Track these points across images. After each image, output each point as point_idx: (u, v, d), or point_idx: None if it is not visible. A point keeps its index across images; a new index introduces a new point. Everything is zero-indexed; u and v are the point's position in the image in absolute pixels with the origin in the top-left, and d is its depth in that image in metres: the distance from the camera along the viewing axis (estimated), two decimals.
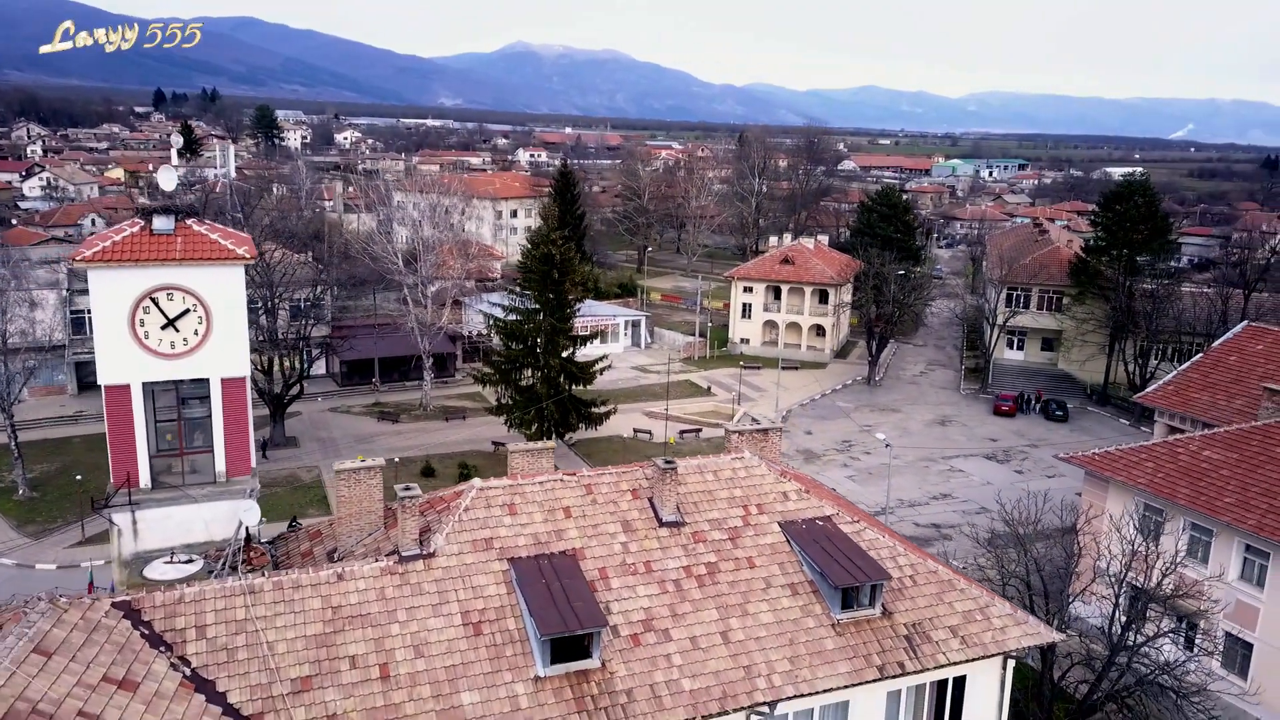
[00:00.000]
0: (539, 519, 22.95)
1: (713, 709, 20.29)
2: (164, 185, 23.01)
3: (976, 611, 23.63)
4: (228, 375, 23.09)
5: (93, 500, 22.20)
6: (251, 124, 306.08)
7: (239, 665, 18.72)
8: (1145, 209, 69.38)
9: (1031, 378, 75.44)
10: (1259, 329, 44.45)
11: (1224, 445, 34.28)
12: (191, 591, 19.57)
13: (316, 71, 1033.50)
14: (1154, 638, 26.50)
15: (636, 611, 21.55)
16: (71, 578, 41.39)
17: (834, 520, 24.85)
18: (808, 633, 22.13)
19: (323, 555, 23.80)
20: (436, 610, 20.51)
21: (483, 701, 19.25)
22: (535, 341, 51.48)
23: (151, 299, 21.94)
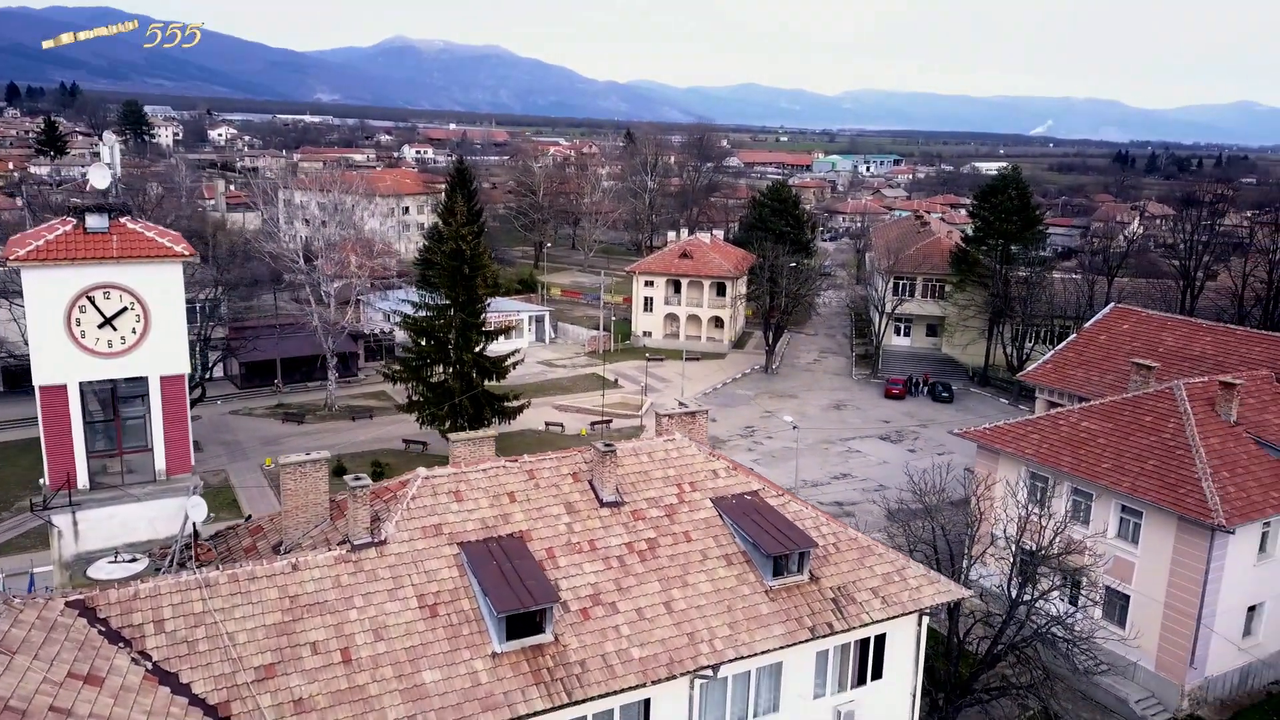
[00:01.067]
0: (485, 504, 23.74)
1: (661, 674, 21.52)
2: (97, 183, 22.85)
3: (894, 574, 25.55)
4: (167, 373, 23.09)
5: (30, 503, 21.93)
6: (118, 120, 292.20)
7: (200, 657, 18.99)
8: (1018, 201, 73.97)
9: (918, 362, 79.40)
10: (1125, 310, 48.32)
11: (1100, 416, 37.41)
12: (146, 587, 19.69)
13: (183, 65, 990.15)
14: (1048, 592, 28.98)
15: (584, 587, 22.59)
16: None
17: (760, 495, 26.42)
18: (743, 599, 23.57)
19: (267, 549, 24.03)
20: (392, 595, 21.12)
21: (444, 679, 20.00)
22: (447, 337, 51.73)
23: (88, 298, 21.80)
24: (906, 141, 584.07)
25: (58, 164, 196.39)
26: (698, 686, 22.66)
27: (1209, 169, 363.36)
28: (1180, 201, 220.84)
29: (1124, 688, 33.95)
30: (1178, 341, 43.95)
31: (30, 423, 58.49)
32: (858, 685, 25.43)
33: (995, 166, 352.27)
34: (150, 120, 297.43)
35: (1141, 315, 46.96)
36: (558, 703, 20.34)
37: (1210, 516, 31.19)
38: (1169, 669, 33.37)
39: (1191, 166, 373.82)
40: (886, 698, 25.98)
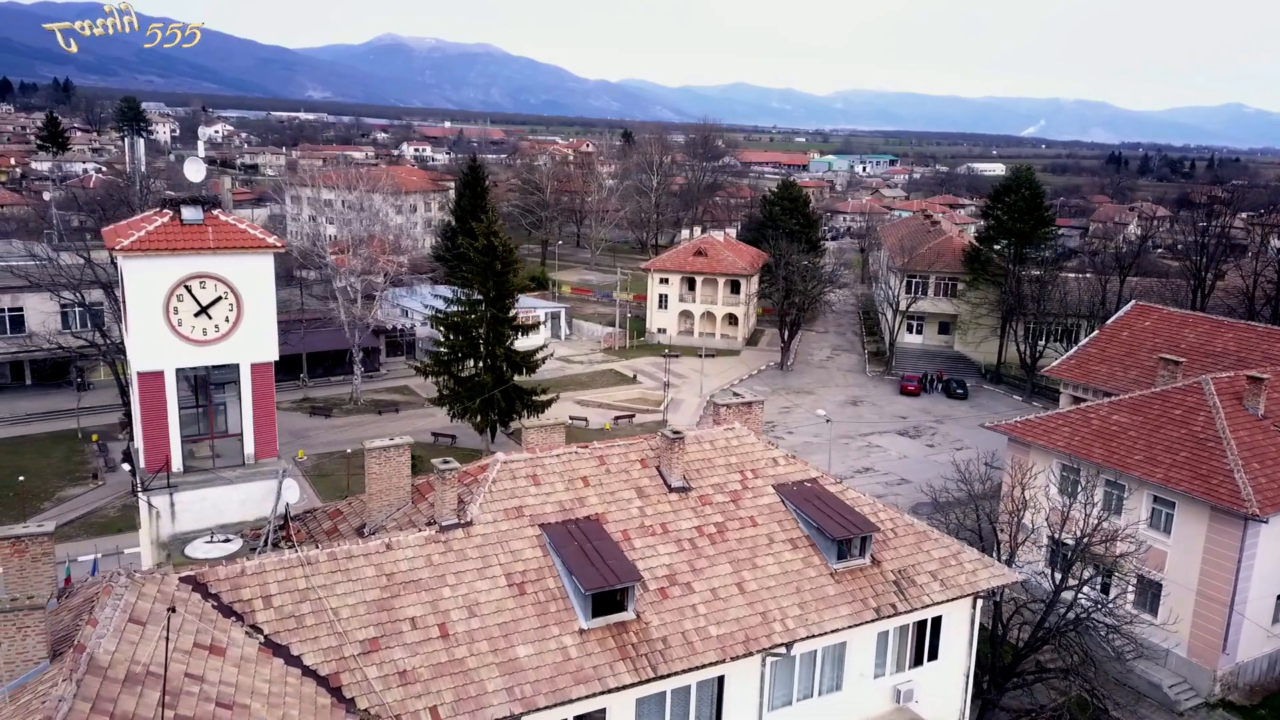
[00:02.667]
0: (561, 488, 24.56)
1: (738, 651, 22.39)
2: (192, 177, 23.62)
3: (950, 558, 26.48)
4: (257, 360, 23.87)
5: (134, 486, 22.66)
6: (115, 117, 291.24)
7: (308, 630, 19.77)
8: (1030, 201, 75.14)
9: (931, 359, 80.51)
10: (1145, 307, 49.43)
11: (1130, 410, 38.44)
12: (252, 565, 20.46)
13: (173, 62, 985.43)
14: (1091, 579, 29.98)
15: (660, 568, 23.43)
16: None
17: (819, 482, 27.34)
18: (810, 581, 24.46)
19: (349, 531, 24.85)
20: (481, 573, 21.93)
21: (537, 653, 20.83)
22: (478, 332, 52.50)
23: (186, 287, 22.57)
24: (899, 142, 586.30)
25: (59, 160, 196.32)
26: (769, 664, 23.55)
27: (1201, 171, 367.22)
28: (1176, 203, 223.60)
29: (1156, 673, 34.98)
30: (1199, 338, 45.05)
31: (60, 415, 59.30)
32: (914, 666, 26.36)
33: (992, 167, 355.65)
34: (148, 117, 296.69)
35: (1163, 312, 48.10)
36: (644, 677, 21.19)
37: (1244, 506, 32.22)
38: (1201, 655, 34.42)
39: (1184, 168, 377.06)
40: (941, 678, 26.91)
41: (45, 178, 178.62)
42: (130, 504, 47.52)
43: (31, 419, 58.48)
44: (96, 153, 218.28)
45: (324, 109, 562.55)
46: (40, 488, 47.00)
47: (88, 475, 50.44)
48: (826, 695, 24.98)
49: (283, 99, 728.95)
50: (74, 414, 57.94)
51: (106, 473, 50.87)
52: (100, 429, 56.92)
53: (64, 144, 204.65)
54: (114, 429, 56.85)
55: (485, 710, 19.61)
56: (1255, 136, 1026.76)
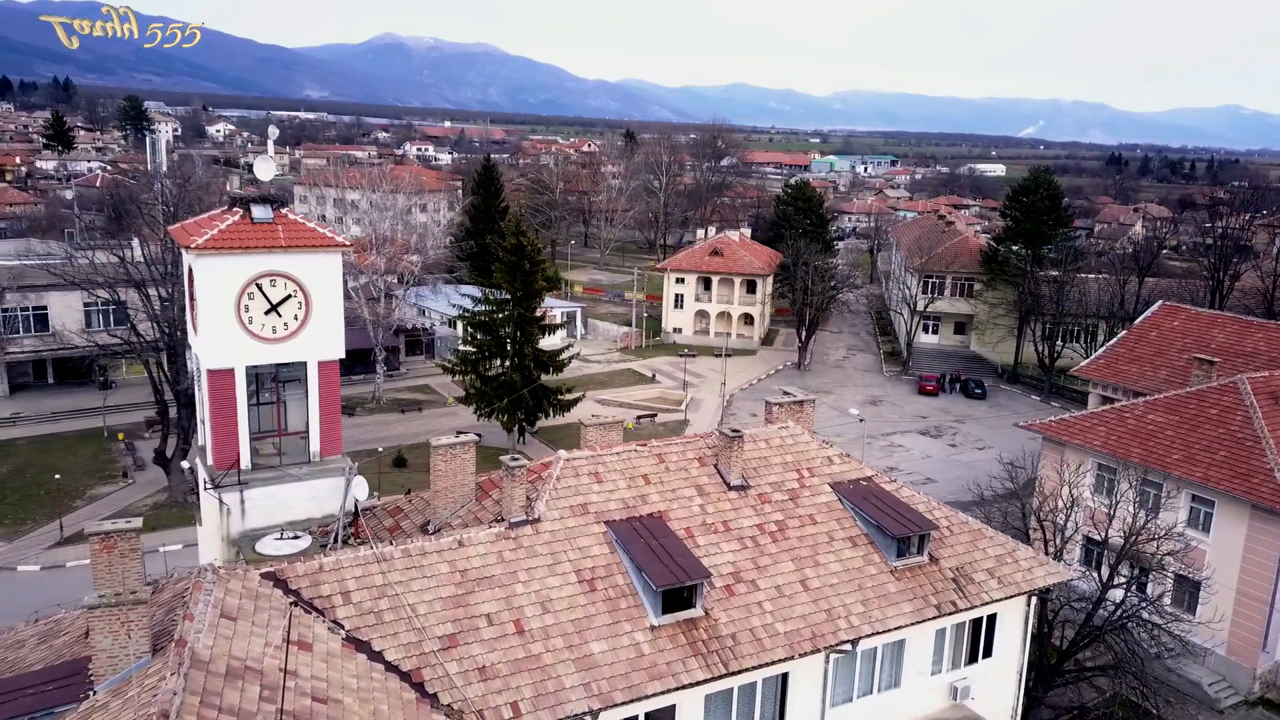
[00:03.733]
0: (623, 485, 24.70)
1: (805, 648, 22.55)
2: (261, 176, 23.74)
3: (1006, 555, 26.66)
4: (324, 358, 23.95)
5: (209, 481, 22.78)
6: (118, 116, 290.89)
7: (387, 626, 19.90)
8: (1049, 201, 75.41)
9: (946, 359, 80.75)
10: (1173, 307, 49.66)
11: (1165, 409, 38.65)
12: (329, 561, 20.59)
13: (171, 61, 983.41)
14: (1139, 577, 30.17)
15: (725, 565, 23.58)
16: (57, 579, 40.65)
17: (874, 480, 27.52)
18: (871, 579, 24.62)
19: (412, 528, 24.97)
20: (552, 570, 22.07)
21: (611, 650, 20.98)
22: (506, 332, 52.63)
23: (257, 285, 22.68)
24: (898, 143, 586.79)
25: (64, 159, 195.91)
26: (832, 661, 23.73)
27: (1201, 172, 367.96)
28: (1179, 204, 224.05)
29: (1195, 671, 35.19)
30: (1229, 338, 45.26)
31: (84, 413, 59.32)
32: (969, 663, 26.55)
33: (994, 168, 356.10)
34: (151, 116, 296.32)
35: (1190, 313, 48.36)
36: (715, 673, 21.35)
37: None
38: (1240, 653, 34.63)
39: (1184, 169, 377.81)
40: (995, 675, 27.09)
41: (51, 177, 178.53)
42: (161, 502, 47.76)
43: (57, 417, 58.54)
44: (100, 151, 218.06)
45: (323, 108, 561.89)
46: (71, 486, 47.09)
47: (117, 473, 50.51)
48: (885, 692, 25.17)
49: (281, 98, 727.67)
50: (99, 412, 57.99)
51: (136, 471, 50.95)
52: (125, 427, 56.99)
53: (69, 143, 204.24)
54: (139, 428, 56.92)
55: (564, 705, 19.76)
56: (1253, 138, 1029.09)
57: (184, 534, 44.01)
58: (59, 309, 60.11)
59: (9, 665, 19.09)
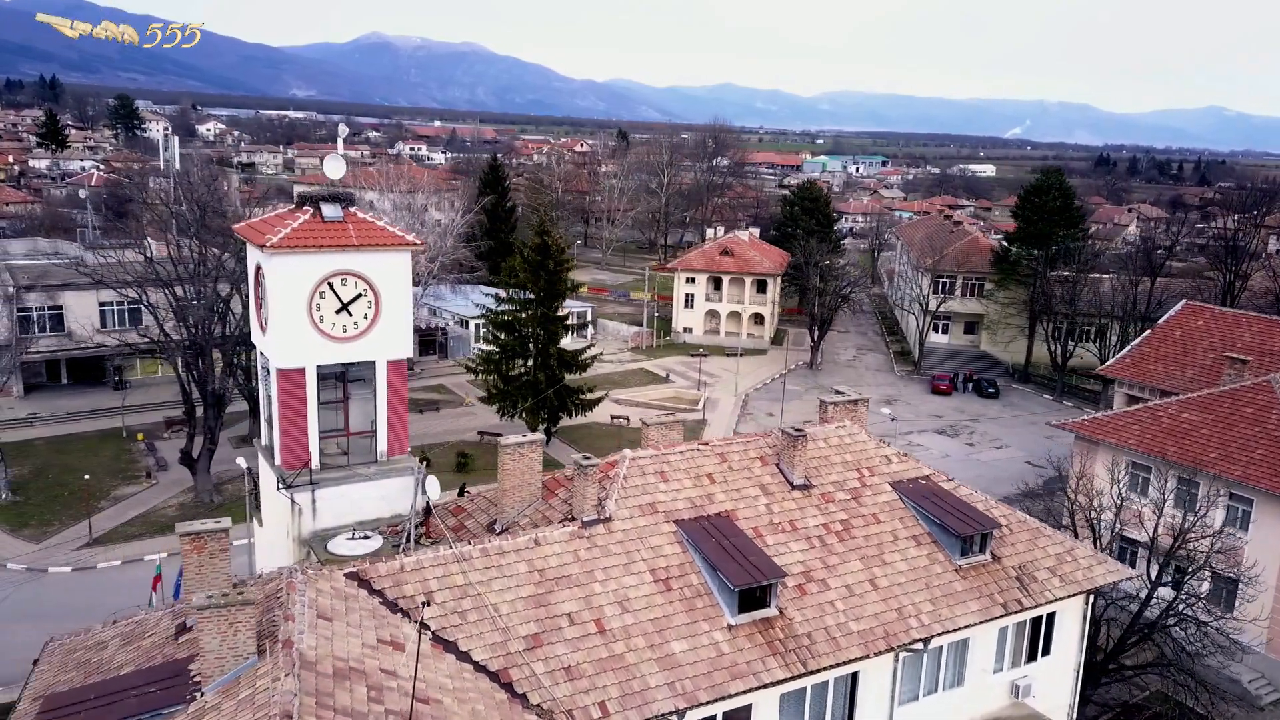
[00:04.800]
0: (689, 484, 24.68)
1: (880, 647, 22.57)
2: (331, 174, 23.62)
3: (1065, 554, 26.76)
4: (393, 357, 23.90)
5: (282, 479, 22.63)
6: (108, 115, 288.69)
7: (472, 626, 19.81)
8: (1061, 201, 75.78)
9: (957, 359, 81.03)
10: (1196, 307, 49.98)
11: (1199, 408, 38.88)
12: (410, 561, 20.49)
13: (157, 59, 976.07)
14: (1189, 577, 30.33)
15: (795, 565, 23.58)
16: (88, 580, 40.35)
17: (932, 479, 27.59)
18: (938, 578, 24.67)
19: (477, 528, 24.87)
20: (627, 569, 22.02)
21: (691, 649, 20.95)
22: (529, 331, 52.50)
23: (329, 284, 22.58)
24: (886, 143, 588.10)
25: (57, 157, 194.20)
26: (901, 660, 23.77)
27: (1189, 173, 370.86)
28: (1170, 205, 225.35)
29: (1235, 669, 35.38)
30: (1255, 337, 45.56)
31: (100, 414, 58.81)
32: (1029, 661, 26.64)
33: (985, 168, 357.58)
34: (142, 115, 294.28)
35: (1214, 312, 48.69)
36: (794, 672, 21.35)
37: None
38: None
39: (1172, 170, 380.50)
40: (1053, 673, 27.20)
41: (45, 176, 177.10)
42: (188, 503, 47.43)
43: (74, 417, 58.07)
44: (93, 150, 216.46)
45: (310, 107, 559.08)
46: (95, 487, 46.70)
47: (140, 474, 50.13)
48: (950, 690, 25.22)
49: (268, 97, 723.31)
50: (117, 413, 57.56)
51: (159, 471, 50.60)
52: (142, 428, 56.58)
53: (63, 142, 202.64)
54: (158, 428, 56.54)
55: (650, 705, 19.71)
56: (1237, 139, 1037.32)
57: None
58: (75, 308, 59.62)
59: (95, 667, 18.92)
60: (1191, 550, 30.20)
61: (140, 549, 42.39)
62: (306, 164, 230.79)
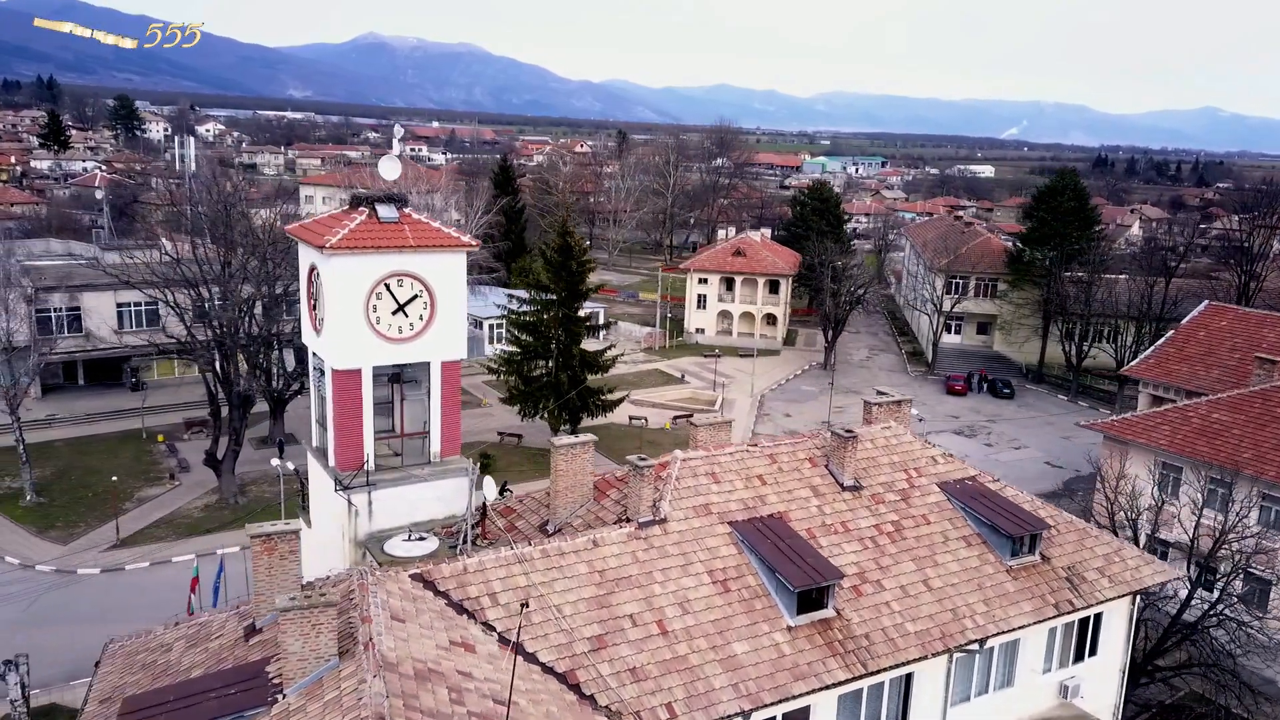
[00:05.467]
0: (740, 486, 24.66)
1: (936, 648, 22.57)
2: (386, 175, 23.57)
3: (1113, 554, 26.78)
4: (447, 359, 23.84)
5: (338, 481, 22.57)
6: (108, 115, 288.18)
7: (537, 628, 19.75)
8: (1075, 203, 75.91)
9: (970, 359, 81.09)
10: (1219, 307, 50.06)
11: (1230, 408, 38.93)
12: (473, 562, 20.44)
13: (152, 60, 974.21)
14: (1231, 578, 30.37)
15: (850, 566, 23.56)
16: (115, 581, 40.24)
17: (979, 480, 27.60)
18: (990, 579, 24.67)
19: (528, 529, 24.81)
20: (685, 570, 21.99)
21: (753, 650, 20.92)
22: (551, 332, 52.44)
23: (385, 285, 22.54)
24: (883, 144, 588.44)
25: (59, 158, 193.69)
26: (955, 660, 23.77)
27: (1187, 174, 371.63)
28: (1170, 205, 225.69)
29: (1270, 669, 35.45)
30: None
31: (119, 415, 58.63)
32: (1076, 661, 26.66)
33: (984, 169, 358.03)
34: (143, 115, 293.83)
35: (1238, 312, 48.79)
36: (855, 673, 21.33)
37: None
38: None
39: (1170, 171, 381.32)
40: (1099, 674, 27.22)
41: (46, 176, 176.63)
42: (213, 504, 47.32)
43: (92, 419, 57.90)
44: (93, 151, 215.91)
45: (307, 108, 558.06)
46: (119, 488, 46.54)
47: (163, 475, 50.02)
48: (1000, 691, 25.24)
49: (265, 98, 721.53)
50: (136, 414, 57.42)
51: (181, 473, 50.48)
52: (161, 429, 56.43)
53: (65, 143, 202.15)
54: (177, 429, 56.38)
55: (716, 706, 19.69)
56: (1231, 140, 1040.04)
57: (240, 536, 43.67)
58: (93, 309, 59.45)
59: (162, 669, 18.86)
60: (1234, 551, 30.21)
61: (168, 551, 42.31)
62: (308, 165, 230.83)
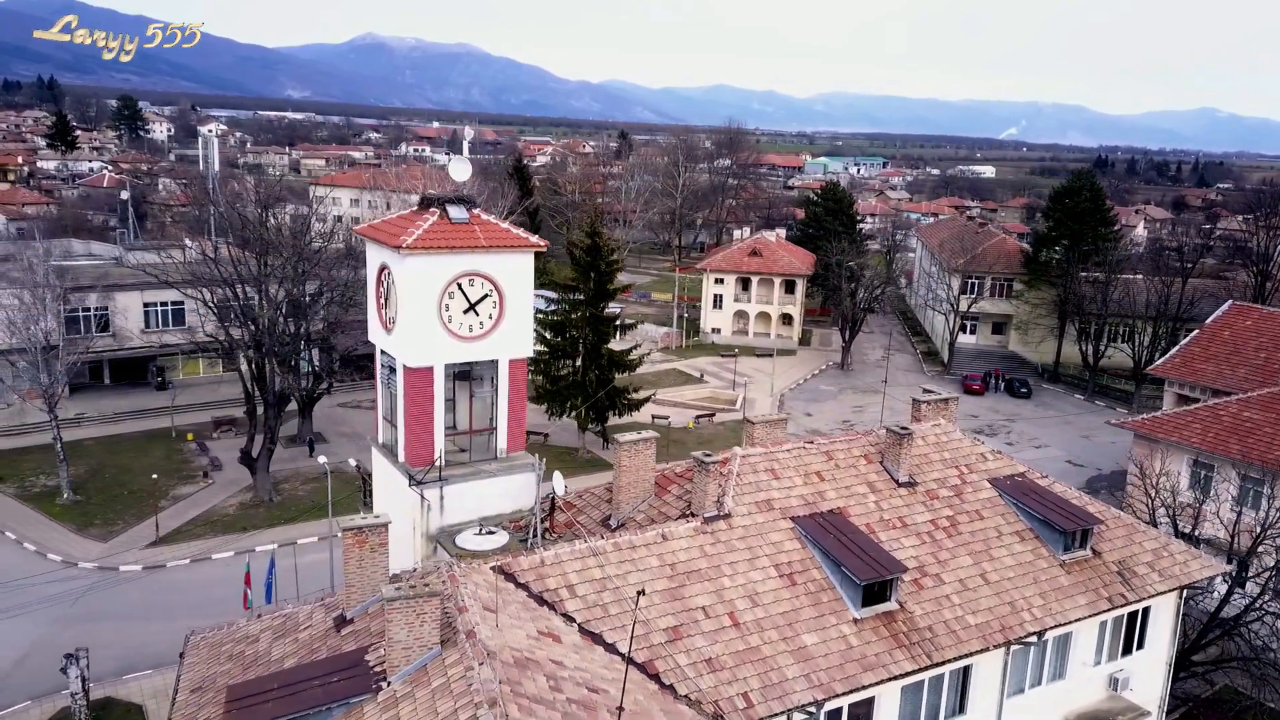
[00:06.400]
0: (799, 482, 25.09)
1: (997, 639, 23.01)
2: (457, 177, 23.98)
3: (1161, 549, 27.25)
4: (515, 356, 24.25)
5: (411, 476, 22.98)
6: (111, 115, 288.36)
7: (614, 619, 20.17)
8: (1092, 203, 76.48)
9: (986, 359, 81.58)
10: (1243, 307, 50.58)
11: (1260, 407, 39.41)
12: (549, 555, 20.87)
13: (151, 60, 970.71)
14: (1271, 574, 30.84)
15: (909, 560, 23.97)
16: (157, 578, 40.64)
17: (1028, 476, 28.06)
18: (1044, 573, 25.12)
19: (591, 524, 25.23)
20: (752, 564, 22.43)
21: (821, 641, 21.37)
22: (579, 332, 52.84)
23: (458, 284, 22.95)
24: (883, 144, 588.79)
25: (66, 158, 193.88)
26: (1011, 653, 24.22)
27: (1186, 174, 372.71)
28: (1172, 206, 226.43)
29: None
30: None
31: (147, 414, 58.97)
32: (1125, 655, 27.13)
33: (986, 170, 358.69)
34: (146, 116, 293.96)
35: (1263, 312, 49.29)
36: (920, 664, 21.77)
37: None
38: None
39: (1170, 171, 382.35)
40: (1146, 666, 27.69)
41: (54, 177, 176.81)
42: (247, 502, 47.69)
43: (120, 417, 58.27)
44: (98, 151, 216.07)
45: (305, 108, 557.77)
46: (154, 486, 46.90)
47: (196, 474, 50.40)
48: (1053, 683, 25.69)
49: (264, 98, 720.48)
50: (165, 413, 57.80)
51: (214, 471, 50.85)
52: (188, 428, 56.78)
53: (73, 143, 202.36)
54: (206, 428, 56.74)
55: (790, 696, 20.12)
56: (1229, 140, 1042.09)
57: (277, 534, 44.13)
58: (121, 309, 59.81)
59: (252, 660, 19.27)
60: (1277, 547, 30.68)
61: (206, 548, 42.70)
62: (312, 165, 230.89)
